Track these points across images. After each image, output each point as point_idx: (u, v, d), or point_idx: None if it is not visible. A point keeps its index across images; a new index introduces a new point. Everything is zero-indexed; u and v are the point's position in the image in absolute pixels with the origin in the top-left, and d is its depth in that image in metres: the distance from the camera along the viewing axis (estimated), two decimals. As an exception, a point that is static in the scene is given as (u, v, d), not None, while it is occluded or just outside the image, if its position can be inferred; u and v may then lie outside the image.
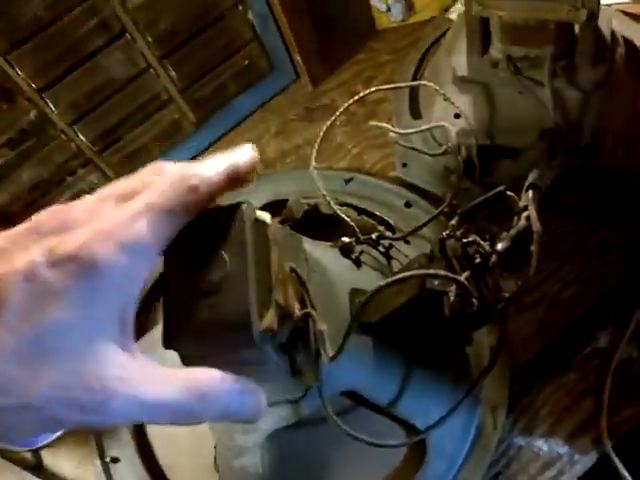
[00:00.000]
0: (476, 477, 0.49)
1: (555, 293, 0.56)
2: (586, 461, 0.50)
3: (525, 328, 0.55)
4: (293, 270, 0.46)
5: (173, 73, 0.65)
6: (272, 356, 0.41)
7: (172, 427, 0.54)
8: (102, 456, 0.56)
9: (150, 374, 0.31)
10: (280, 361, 0.43)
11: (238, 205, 0.42)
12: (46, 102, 0.60)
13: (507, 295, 0.44)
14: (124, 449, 0.56)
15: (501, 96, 0.57)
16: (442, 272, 0.42)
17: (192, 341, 0.38)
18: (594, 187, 0.56)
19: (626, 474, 0.49)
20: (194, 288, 0.39)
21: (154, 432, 0.57)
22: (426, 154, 0.59)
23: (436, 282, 0.44)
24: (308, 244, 0.52)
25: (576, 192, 0.57)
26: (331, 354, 0.43)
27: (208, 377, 0.33)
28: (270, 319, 0.39)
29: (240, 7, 0.64)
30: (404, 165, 0.64)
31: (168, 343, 0.39)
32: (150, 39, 0.61)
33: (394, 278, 0.42)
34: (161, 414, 0.30)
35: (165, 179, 0.33)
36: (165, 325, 0.39)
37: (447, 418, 0.47)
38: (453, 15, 0.69)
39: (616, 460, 0.49)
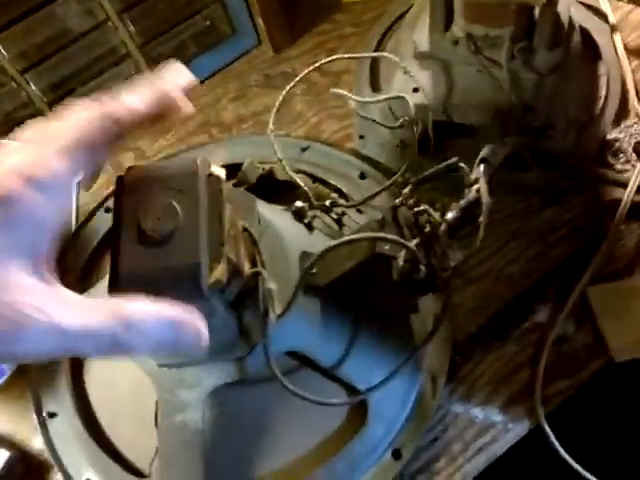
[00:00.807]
0: (414, 441, 0.51)
1: (499, 269, 0.58)
2: (519, 429, 0.52)
3: (469, 301, 0.57)
4: (245, 229, 0.46)
5: (132, 27, 0.63)
6: (220, 310, 0.42)
7: (113, 384, 0.55)
8: (39, 411, 0.56)
9: (72, 304, 0.30)
10: (227, 317, 0.43)
11: (193, 159, 0.42)
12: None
13: (454, 264, 0.46)
14: (62, 404, 0.55)
15: (460, 74, 0.58)
16: (392, 236, 0.43)
17: (140, 291, 0.38)
18: (544, 168, 0.58)
19: (556, 443, 0.51)
20: (144, 238, 0.39)
21: (93, 388, 0.56)
22: (384, 126, 0.59)
23: (386, 247, 0.44)
24: (261, 206, 0.52)
25: (526, 173, 0.59)
26: (279, 312, 0.44)
27: (136, 306, 0.32)
28: (220, 272, 0.39)
29: (206, -33, 0.63)
30: (361, 137, 0.65)
31: (115, 293, 0.38)
32: (109, -10, 0.60)
33: (345, 239, 0.42)
34: (84, 343, 0.29)
35: (84, 114, 0.33)
36: (112, 274, 0.39)
37: (388, 381, 0.48)
38: (418, -8, 0.69)
39: (548, 429, 0.52)
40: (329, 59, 0.58)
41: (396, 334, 0.53)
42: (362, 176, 0.62)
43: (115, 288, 0.38)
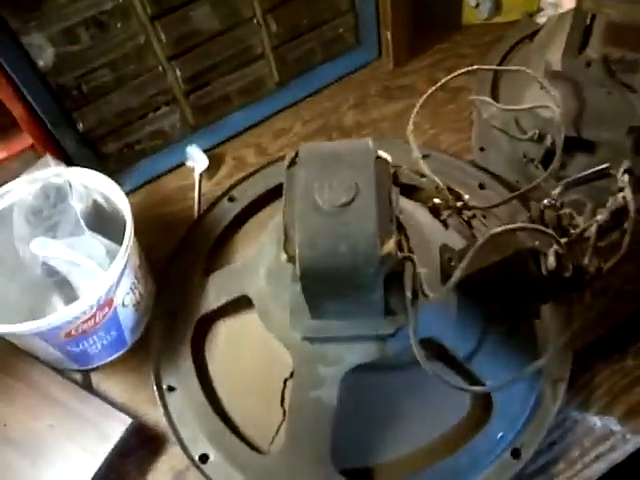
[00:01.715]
0: (534, 442, 0.51)
1: (618, 285, 0.59)
2: (638, 441, 0.52)
3: (588, 315, 0.57)
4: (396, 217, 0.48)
5: (273, 27, 0.67)
6: (380, 284, 0.43)
7: (236, 360, 0.56)
8: (159, 384, 0.57)
9: None
10: (382, 294, 0.45)
11: (365, 140, 0.45)
12: (156, 30, 0.61)
13: (597, 268, 0.47)
14: (182, 379, 0.57)
15: (590, 95, 0.60)
16: (550, 231, 0.45)
17: (318, 257, 0.40)
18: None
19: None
20: (320, 208, 0.41)
21: (214, 365, 0.57)
22: (513, 137, 0.62)
23: (537, 242, 0.46)
24: (402, 199, 0.54)
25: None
26: (432, 296, 0.45)
27: None
28: (391, 246, 0.41)
29: (345, -22, 0.67)
30: (481, 149, 0.67)
31: (293, 256, 0.40)
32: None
33: (509, 227, 0.44)
34: None
35: None
36: (287, 240, 0.41)
37: (517, 380, 0.49)
38: (541, 19, 0.72)
39: (666, 443, 0.52)
40: (470, 69, 0.61)
41: (522, 337, 0.54)
42: (481, 186, 0.64)
43: (288, 247, 0.41)
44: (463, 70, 0.60)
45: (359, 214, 0.41)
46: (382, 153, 0.45)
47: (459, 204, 0.57)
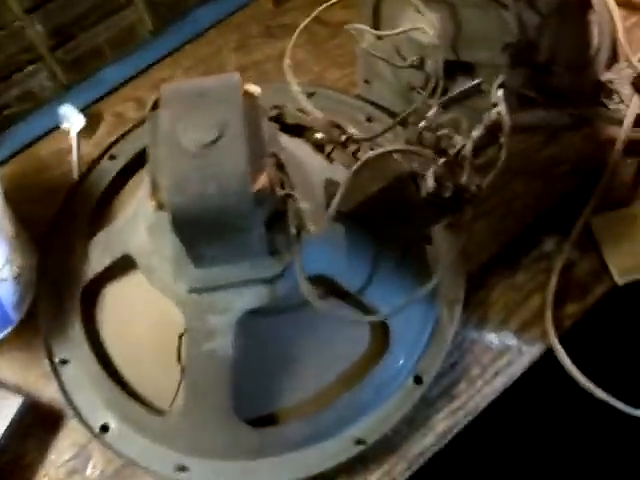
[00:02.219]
0: (434, 365, 0.52)
1: (506, 204, 0.60)
2: (533, 352, 0.54)
3: (479, 234, 0.58)
4: (274, 154, 0.46)
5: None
6: (259, 224, 0.42)
7: (128, 325, 0.54)
8: (50, 359, 0.54)
9: None
10: (262, 234, 0.43)
11: (232, 75, 0.43)
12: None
13: (478, 184, 0.47)
14: (74, 350, 0.54)
15: (466, 16, 0.60)
16: (426, 151, 0.44)
17: (188, 202, 0.38)
18: (547, 106, 0.60)
19: (568, 362, 0.53)
20: (186, 150, 0.39)
21: (107, 331, 0.55)
22: (395, 66, 0.61)
23: (416, 164, 0.46)
24: (283, 137, 0.53)
25: (524, 112, 0.61)
26: (313, 229, 0.44)
27: None
28: (263, 182, 0.39)
29: None
30: (366, 82, 0.66)
31: (155, 201, 0.38)
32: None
33: (385, 149, 0.43)
34: None
35: None
36: (153, 186, 0.39)
37: (409, 304, 0.49)
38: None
39: (560, 350, 0.54)
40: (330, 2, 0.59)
41: (413, 263, 0.54)
42: (369, 119, 0.64)
43: (156, 194, 0.38)
44: (315, 13, 0.58)
45: (227, 152, 0.39)
46: (251, 86, 0.43)
47: (343, 137, 0.56)
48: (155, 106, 0.42)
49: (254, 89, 0.43)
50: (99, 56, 0.66)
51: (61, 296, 0.56)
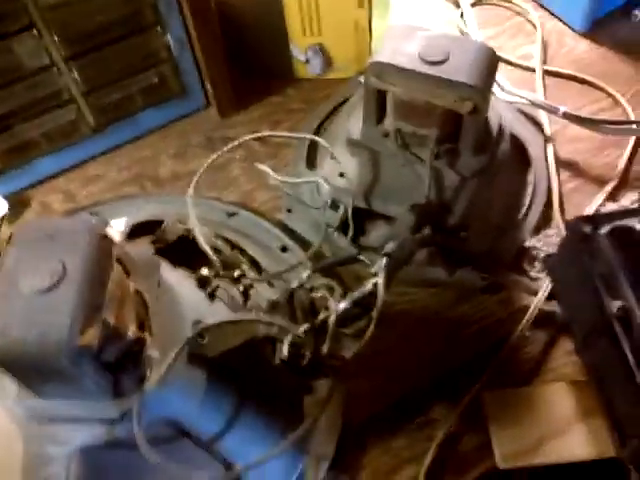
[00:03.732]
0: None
1: (401, 359, 0.58)
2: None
3: (363, 388, 0.56)
4: (139, 292, 0.46)
5: (77, 75, 0.64)
6: (90, 374, 0.41)
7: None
8: None
9: None
10: (100, 380, 0.42)
11: (88, 219, 0.43)
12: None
13: (344, 355, 0.46)
14: None
15: (386, 165, 0.60)
16: (278, 320, 0.43)
17: (9, 344, 0.38)
18: (453, 267, 0.59)
19: None
20: (21, 293, 0.39)
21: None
22: (306, 205, 0.61)
23: (274, 329, 0.45)
24: (166, 270, 0.52)
25: (437, 267, 0.60)
26: (154, 380, 0.43)
27: None
28: (90, 337, 0.39)
29: (159, 28, 0.65)
30: (289, 210, 0.66)
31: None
32: (57, 38, 0.61)
33: (224, 319, 0.43)
34: None
35: None
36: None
37: (265, 460, 0.47)
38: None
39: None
40: (265, 134, 0.60)
41: (286, 413, 0.52)
42: (283, 249, 0.63)
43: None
44: (253, 136, 0.58)
45: (58, 301, 0.39)
46: (110, 231, 0.43)
47: (236, 273, 0.55)
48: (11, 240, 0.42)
49: (112, 234, 0.43)
50: (35, 147, 0.67)
51: None
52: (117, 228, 0.53)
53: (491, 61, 0.56)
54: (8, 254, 0.41)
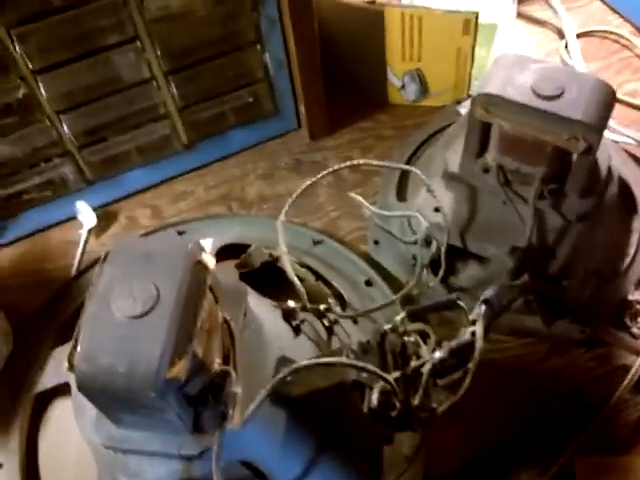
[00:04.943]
0: None
1: (484, 414, 0.54)
2: None
3: (451, 441, 0.53)
4: (226, 322, 0.44)
5: (174, 90, 0.64)
6: (173, 406, 0.39)
7: (62, 447, 0.53)
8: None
9: None
10: (182, 413, 0.41)
11: (185, 243, 0.41)
12: (38, 84, 0.59)
13: (434, 407, 0.43)
14: (9, 456, 0.53)
15: (484, 202, 0.56)
16: (370, 367, 0.41)
17: (95, 373, 0.37)
18: (552, 317, 0.55)
19: None
20: (114, 316, 0.38)
21: (44, 448, 0.54)
22: (394, 238, 0.58)
23: (364, 374, 0.42)
24: (252, 298, 0.50)
25: (533, 316, 0.56)
26: (238, 419, 0.41)
27: None
28: (180, 369, 0.37)
29: (258, 46, 0.64)
30: (376, 242, 0.63)
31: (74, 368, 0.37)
32: (159, 51, 0.61)
33: (316, 360, 0.40)
34: None
35: None
36: (72, 350, 0.38)
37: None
38: (463, 110, 0.68)
39: None
40: (357, 162, 0.58)
41: (364, 462, 0.49)
42: (368, 283, 0.60)
43: (72, 354, 0.37)
44: (347, 164, 0.56)
45: (149, 330, 0.37)
46: (205, 257, 0.42)
47: (322, 307, 0.53)
48: (105, 259, 0.41)
49: (208, 261, 0.41)
50: (127, 160, 0.68)
51: (14, 398, 0.55)
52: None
53: (608, 99, 0.52)
54: (103, 273, 0.40)
